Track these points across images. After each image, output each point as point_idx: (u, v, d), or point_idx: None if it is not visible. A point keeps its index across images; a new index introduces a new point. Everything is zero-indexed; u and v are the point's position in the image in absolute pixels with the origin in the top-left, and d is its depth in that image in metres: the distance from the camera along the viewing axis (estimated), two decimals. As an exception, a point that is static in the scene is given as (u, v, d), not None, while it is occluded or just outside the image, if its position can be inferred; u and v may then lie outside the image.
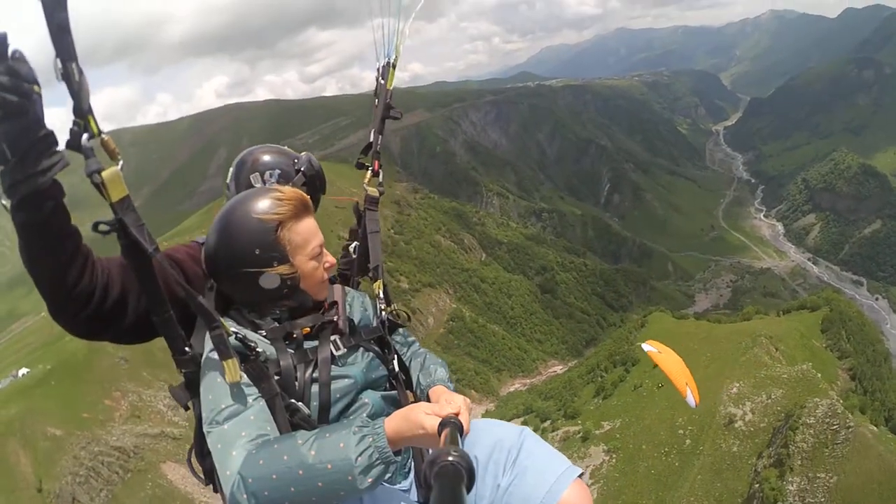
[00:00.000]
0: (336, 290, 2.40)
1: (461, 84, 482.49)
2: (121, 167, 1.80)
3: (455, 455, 1.39)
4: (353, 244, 3.03)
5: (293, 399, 2.04)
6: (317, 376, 2.10)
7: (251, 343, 1.99)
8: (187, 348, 2.07)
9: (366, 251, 2.89)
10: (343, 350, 2.21)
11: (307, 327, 2.19)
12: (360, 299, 2.54)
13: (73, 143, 1.72)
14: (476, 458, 2.08)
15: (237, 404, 1.89)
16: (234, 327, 2.03)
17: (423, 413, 1.78)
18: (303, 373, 2.08)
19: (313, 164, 2.84)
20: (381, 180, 3.00)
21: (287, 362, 2.07)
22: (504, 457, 2.12)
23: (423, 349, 2.69)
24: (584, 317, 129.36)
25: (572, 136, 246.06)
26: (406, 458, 2.29)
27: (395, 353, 2.48)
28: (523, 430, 2.23)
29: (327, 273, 2.28)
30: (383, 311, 2.56)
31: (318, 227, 2.26)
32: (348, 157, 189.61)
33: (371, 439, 1.72)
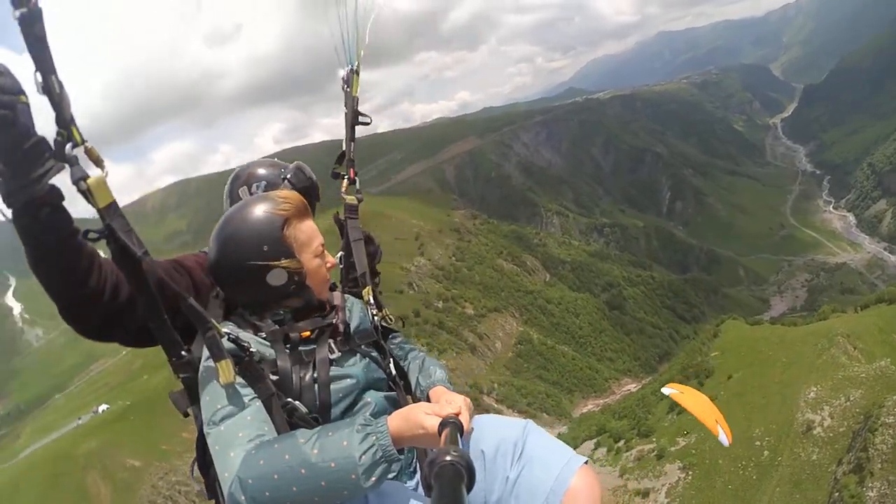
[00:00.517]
0: (336, 296, 2.44)
1: (509, 107, 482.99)
2: (106, 174, 1.82)
3: (455, 455, 1.39)
4: (339, 254, 3.01)
5: (290, 399, 2.04)
6: (317, 377, 2.11)
7: (244, 344, 1.99)
8: (183, 353, 2.09)
9: (351, 260, 2.92)
10: (338, 353, 2.23)
11: (307, 331, 2.20)
12: (359, 305, 2.58)
13: (58, 153, 1.74)
14: (483, 453, 2.13)
15: (233, 405, 1.89)
16: (229, 329, 2.04)
17: (423, 413, 1.78)
18: (300, 374, 2.09)
19: (305, 172, 2.91)
20: (358, 188, 3.03)
21: (284, 363, 2.08)
22: (510, 450, 2.13)
23: (421, 353, 2.72)
24: (655, 331, 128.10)
25: (626, 146, 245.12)
26: (411, 458, 2.30)
27: (392, 358, 2.54)
28: (527, 423, 2.25)
29: (328, 273, 2.33)
30: (375, 317, 2.63)
31: (317, 229, 2.31)
32: (405, 191, 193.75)
33: (375, 437, 1.71)
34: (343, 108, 3.09)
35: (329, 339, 2.22)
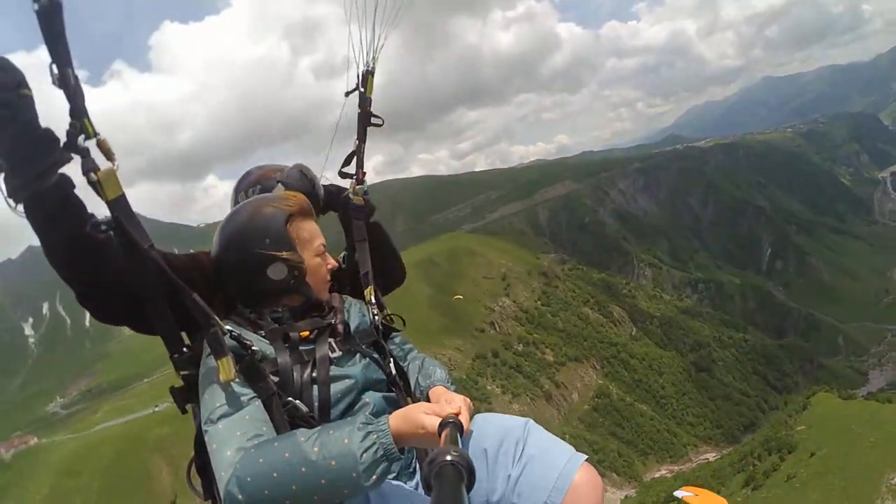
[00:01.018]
0: (334, 297, 2.46)
1: (607, 152, 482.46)
2: (116, 167, 1.84)
3: (455, 455, 1.38)
4: (342, 254, 3.05)
5: (291, 398, 2.02)
6: (316, 376, 2.10)
7: (246, 342, 1.98)
8: (185, 349, 2.11)
9: (355, 260, 2.92)
10: (339, 353, 2.23)
11: (306, 331, 2.20)
12: (358, 306, 2.57)
13: (70, 144, 1.76)
14: (486, 452, 2.10)
15: (232, 403, 1.87)
16: (230, 326, 2.02)
17: (423, 413, 1.76)
18: (300, 372, 2.08)
19: (305, 173, 2.79)
20: (365, 188, 3.01)
21: (285, 361, 2.07)
22: (512, 448, 2.09)
23: (421, 353, 2.72)
24: (742, 398, 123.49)
25: (727, 198, 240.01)
26: (411, 458, 2.27)
27: (392, 358, 2.51)
28: (528, 422, 2.21)
29: (329, 274, 2.35)
30: (376, 317, 2.60)
31: (320, 231, 2.35)
32: (497, 230, 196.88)
33: (376, 436, 1.70)
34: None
35: (329, 339, 2.24)
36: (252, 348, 1.99)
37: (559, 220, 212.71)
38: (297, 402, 2.01)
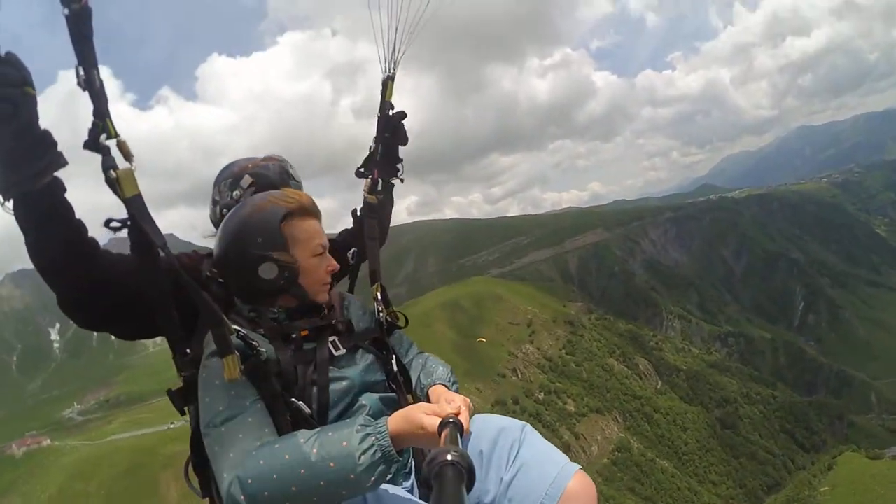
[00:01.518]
0: (333, 295, 2.44)
1: (640, 201, 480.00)
2: (134, 168, 1.85)
3: (455, 455, 1.37)
4: (352, 250, 3.08)
5: (294, 398, 2.00)
6: (315, 378, 2.08)
7: (253, 342, 1.96)
8: (188, 350, 2.12)
9: (364, 257, 2.95)
10: (342, 351, 2.21)
11: (305, 329, 2.17)
12: (358, 303, 2.56)
13: (91, 141, 1.77)
14: (482, 452, 2.11)
15: (235, 407, 1.86)
16: (236, 326, 1.98)
17: (423, 413, 1.75)
18: (303, 373, 2.07)
19: (285, 171, 2.71)
20: (379, 188, 3.04)
21: (287, 361, 2.05)
22: (507, 450, 2.10)
23: (425, 352, 2.68)
24: (767, 457, 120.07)
25: (760, 250, 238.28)
26: (407, 459, 2.25)
27: (394, 355, 2.49)
28: (525, 426, 2.20)
29: (328, 275, 2.29)
30: (381, 313, 2.59)
31: (322, 231, 2.31)
32: (525, 276, 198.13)
33: (374, 438, 1.69)
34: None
35: (331, 338, 2.22)
36: (258, 349, 1.96)
37: (588, 268, 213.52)
38: (300, 403, 2.00)
